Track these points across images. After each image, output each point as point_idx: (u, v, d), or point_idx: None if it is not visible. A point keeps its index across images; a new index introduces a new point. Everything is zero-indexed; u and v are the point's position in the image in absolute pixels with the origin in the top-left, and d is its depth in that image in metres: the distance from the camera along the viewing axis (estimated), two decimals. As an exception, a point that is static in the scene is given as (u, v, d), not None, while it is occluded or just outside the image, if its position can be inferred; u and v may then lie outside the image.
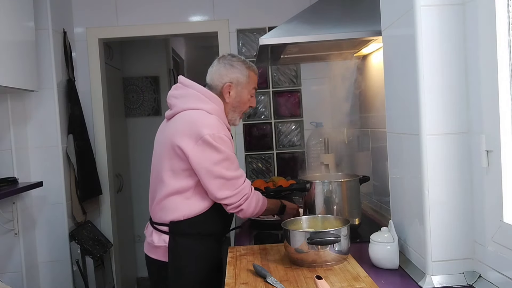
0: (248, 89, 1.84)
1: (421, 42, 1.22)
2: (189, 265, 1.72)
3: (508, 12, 1.08)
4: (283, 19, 2.19)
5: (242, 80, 1.82)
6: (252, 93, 1.86)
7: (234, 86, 1.81)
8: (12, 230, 2.65)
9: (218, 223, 1.80)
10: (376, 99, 2.10)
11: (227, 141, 1.70)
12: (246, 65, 1.84)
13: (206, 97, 1.76)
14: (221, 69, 1.82)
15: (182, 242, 1.72)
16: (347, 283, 1.29)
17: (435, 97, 1.23)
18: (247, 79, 1.82)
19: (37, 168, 2.87)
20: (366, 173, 2.09)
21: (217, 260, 1.85)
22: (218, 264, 1.85)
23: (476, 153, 1.19)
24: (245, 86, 1.83)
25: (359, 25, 1.77)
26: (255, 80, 1.87)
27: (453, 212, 1.24)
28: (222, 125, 1.73)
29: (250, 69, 1.85)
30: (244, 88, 1.83)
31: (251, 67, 1.86)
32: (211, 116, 1.71)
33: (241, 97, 1.83)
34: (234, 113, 1.85)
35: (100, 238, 3.15)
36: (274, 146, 3.31)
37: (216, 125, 1.69)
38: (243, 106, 1.85)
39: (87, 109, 3.19)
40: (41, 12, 2.82)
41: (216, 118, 1.72)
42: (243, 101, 1.84)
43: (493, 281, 1.15)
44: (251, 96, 1.86)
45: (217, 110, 1.76)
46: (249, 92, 1.84)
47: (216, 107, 1.76)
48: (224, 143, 1.68)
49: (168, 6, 3.24)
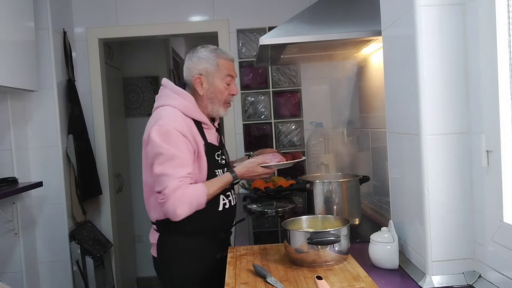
0: (220, 77, 1.77)
1: (421, 42, 1.22)
2: (176, 261, 1.75)
3: (508, 12, 1.08)
4: (283, 19, 2.18)
5: (211, 70, 1.76)
6: (227, 80, 1.78)
7: (205, 77, 1.77)
8: (12, 230, 2.65)
9: (205, 220, 1.74)
10: (376, 99, 2.10)
11: (174, 135, 1.64)
12: (214, 54, 1.78)
13: (176, 93, 1.75)
14: (189, 63, 1.80)
15: (168, 239, 1.76)
16: (347, 283, 1.29)
17: (435, 97, 1.23)
18: (216, 67, 1.76)
19: (37, 168, 2.88)
20: (366, 173, 2.09)
21: (212, 258, 1.79)
22: (215, 262, 1.79)
23: (476, 153, 1.19)
24: (216, 75, 1.77)
25: (359, 25, 1.77)
26: (228, 66, 1.79)
27: (453, 212, 1.24)
28: (179, 118, 1.69)
29: (220, 56, 1.78)
30: (216, 77, 1.77)
31: (221, 55, 1.79)
32: (171, 109, 1.70)
33: (214, 87, 1.77)
34: (213, 104, 1.79)
35: (100, 238, 3.15)
36: (274, 146, 3.31)
37: (170, 117, 1.67)
38: (220, 95, 1.78)
39: (87, 109, 3.19)
40: (41, 12, 2.82)
41: (175, 111, 1.70)
42: (219, 91, 1.78)
43: (493, 281, 1.15)
44: (228, 84, 1.79)
45: (185, 105, 1.73)
46: (222, 80, 1.77)
47: (185, 102, 1.73)
48: (167, 137, 1.63)
49: (168, 6, 3.24)
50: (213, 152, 1.79)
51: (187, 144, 1.67)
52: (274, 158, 1.82)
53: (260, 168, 1.78)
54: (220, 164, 1.82)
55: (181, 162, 1.64)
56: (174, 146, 1.63)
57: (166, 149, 1.62)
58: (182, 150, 1.65)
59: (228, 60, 1.80)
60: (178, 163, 1.63)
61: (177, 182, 1.61)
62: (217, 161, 1.81)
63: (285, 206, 2.39)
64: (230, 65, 1.80)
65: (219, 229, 1.84)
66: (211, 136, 1.80)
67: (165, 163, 1.62)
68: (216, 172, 1.78)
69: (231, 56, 1.82)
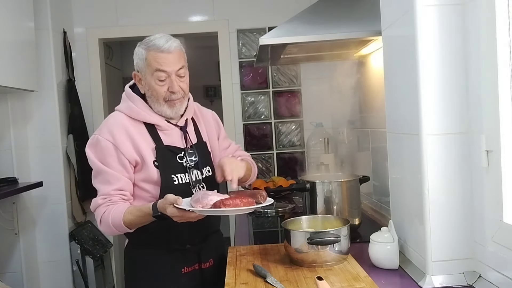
0: (150, 73, 1.54)
1: (421, 42, 1.22)
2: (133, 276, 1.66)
3: (508, 12, 1.08)
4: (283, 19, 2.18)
5: (141, 65, 1.57)
6: (159, 77, 1.53)
7: (141, 74, 1.58)
8: (12, 230, 2.66)
9: (168, 230, 1.55)
10: (376, 99, 2.10)
11: (104, 147, 1.52)
12: (144, 46, 1.55)
13: (126, 95, 1.65)
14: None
15: (128, 250, 1.69)
16: (347, 283, 1.29)
17: (435, 97, 1.23)
18: (145, 62, 1.54)
19: (37, 168, 2.88)
20: (366, 173, 2.09)
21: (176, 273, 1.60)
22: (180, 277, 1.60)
23: (476, 153, 1.19)
24: (146, 71, 1.55)
25: (359, 25, 1.77)
26: (158, 59, 1.52)
27: (453, 212, 1.24)
28: (118, 126, 1.55)
29: (150, 48, 1.53)
30: (147, 74, 1.55)
31: (151, 46, 1.53)
32: (115, 115, 1.61)
33: (148, 85, 1.56)
34: (155, 103, 1.59)
35: (100, 238, 3.15)
36: (274, 146, 3.31)
37: (108, 125, 1.57)
38: (156, 93, 1.56)
39: (87, 109, 3.19)
40: (41, 12, 2.82)
41: (119, 117, 1.59)
42: (152, 88, 1.56)
43: (493, 281, 1.15)
44: (161, 80, 1.53)
45: (130, 107, 1.60)
46: (152, 76, 1.53)
47: (131, 104, 1.60)
48: (96, 150, 1.54)
49: (168, 6, 3.24)
50: (171, 156, 1.59)
51: (119, 156, 1.52)
52: (204, 198, 1.38)
53: (171, 209, 1.38)
54: (183, 168, 1.59)
55: (107, 177, 1.53)
56: (102, 159, 1.53)
57: (94, 162, 1.55)
58: (110, 164, 1.52)
59: (160, 52, 1.51)
60: (103, 179, 1.54)
61: (99, 200, 1.55)
62: (180, 164, 1.59)
63: (285, 206, 2.39)
64: (162, 57, 1.52)
65: (185, 241, 1.61)
66: (170, 138, 1.61)
67: (94, 177, 1.57)
68: (174, 177, 1.56)
69: (166, 46, 1.52)
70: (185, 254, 1.62)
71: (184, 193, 1.48)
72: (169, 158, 1.58)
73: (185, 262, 1.62)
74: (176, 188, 1.53)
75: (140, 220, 1.49)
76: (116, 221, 1.49)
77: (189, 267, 1.62)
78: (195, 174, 1.62)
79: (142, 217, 1.48)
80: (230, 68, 3.29)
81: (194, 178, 1.61)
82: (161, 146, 1.58)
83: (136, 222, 1.50)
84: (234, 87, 3.30)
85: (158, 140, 1.58)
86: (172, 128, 1.63)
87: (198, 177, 1.62)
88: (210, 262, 1.68)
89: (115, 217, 1.50)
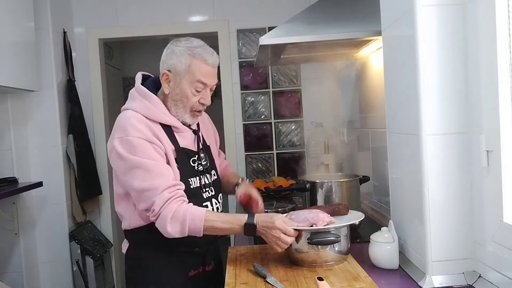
0: (189, 81, 1.50)
1: (421, 42, 1.22)
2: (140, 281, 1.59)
3: (508, 12, 1.08)
4: (283, 19, 2.19)
5: (180, 69, 1.50)
6: (196, 87, 1.50)
7: (173, 76, 1.51)
8: (12, 230, 2.66)
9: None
10: (376, 99, 2.10)
11: (138, 144, 1.43)
12: (189, 52, 1.50)
13: (139, 93, 1.54)
14: (163, 56, 1.56)
15: (133, 254, 1.64)
16: (347, 283, 1.29)
17: (435, 97, 1.23)
18: (187, 68, 1.49)
19: (37, 168, 2.88)
20: (366, 173, 2.09)
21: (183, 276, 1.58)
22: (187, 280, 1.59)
23: (476, 153, 1.19)
24: (185, 77, 1.50)
25: (359, 25, 1.77)
26: (203, 71, 1.50)
27: (453, 212, 1.24)
28: (139, 125, 1.46)
29: (196, 56, 1.49)
30: (184, 79, 1.50)
31: (198, 55, 1.50)
32: (129, 116, 1.49)
33: (181, 90, 1.51)
34: (177, 107, 1.54)
35: (100, 238, 3.15)
36: (274, 146, 3.31)
37: (127, 126, 1.45)
38: (186, 101, 1.52)
39: (87, 109, 3.19)
40: (41, 12, 2.83)
41: (133, 117, 1.48)
42: (184, 95, 1.51)
43: (493, 281, 1.15)
44: (197, 91, 1.51)
45: (147, 107, 1.51)
46: (191, 84, 1.50)
47: (148, 104, 1.51)
48: (132, 147, 1.43)
49: (168, 6, 3.24)
50: (187, 159, 1.56)
51: (157, 150, 1.46)
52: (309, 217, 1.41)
53: (277, 232, 1.37)
54: (196, 171, 1.58)
55: (158, 170, 1.43)
56: (145, 155, 1.43)
57: (136, 160, 1.42)
58: (154, 158, 1.44)
59: (206, 64, 1.51)
60: (154, 173, 1.42)
61: (166, 195, 1.41)
62: (193, 168, 1.57)
63: (285, 206, 2.39)
64: (207, 70, 1.51)
65: (193, 244, 1.56)
66: (185, 140, 1.58)
67: (142, 176, 1.42)
68: (190, 180, 1.54)
69: (211, 61, 1.52)
70: (192, 257, 1.60)
71: (196, 196, 1.51)
72: (186, 161, 1.56)
73: (192, 265, 1.61)
74: (191, 192, 1.53)
75: (225, 226, 1.42)
76: (197, 221, 1.40)
77: (195, 270, 1.61)
78: (205, 178, 1.61)
79: (229, 223, 1.42)
80: (230, 68, 3.29)
81: (204, 182, 1.60)
82: (179, 148, 1.54)
83: (217, 227, 1.42)
84: (234, 87, 3.30)
85: (175, 142, 1.54)
86: (187, 130, 1.60)
87: (208, 181, 1.62)
88: (213, 265, 1.69)
89: (195, 215, 1.41)
